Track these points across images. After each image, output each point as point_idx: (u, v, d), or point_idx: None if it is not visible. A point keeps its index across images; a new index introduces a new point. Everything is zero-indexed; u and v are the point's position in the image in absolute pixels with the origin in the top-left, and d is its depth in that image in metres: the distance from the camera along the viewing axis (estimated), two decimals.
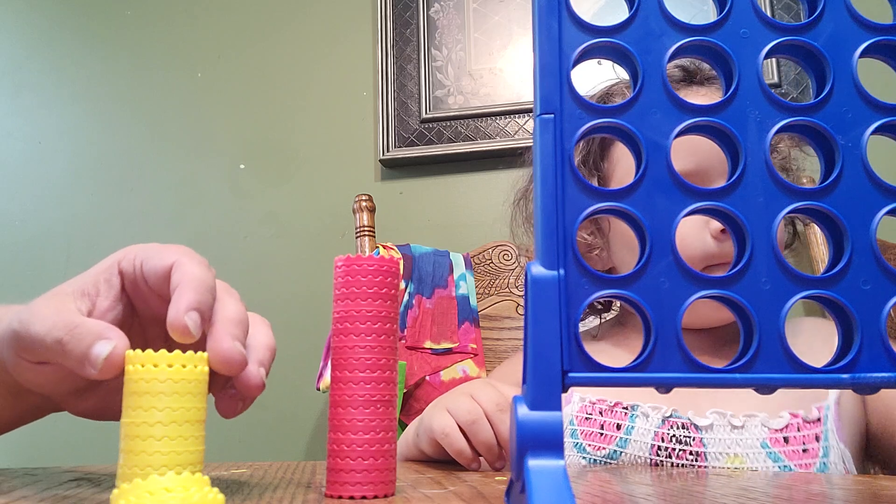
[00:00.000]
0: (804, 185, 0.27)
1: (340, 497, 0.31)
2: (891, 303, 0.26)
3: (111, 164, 1.39)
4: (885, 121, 0.28)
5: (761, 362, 0.26)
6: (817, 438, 0.58)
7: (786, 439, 0.58)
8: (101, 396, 0.37)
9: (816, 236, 1.00)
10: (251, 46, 1.36)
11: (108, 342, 0.30)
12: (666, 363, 0.26)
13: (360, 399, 0.32)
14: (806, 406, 0.59)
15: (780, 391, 0.26)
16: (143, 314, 0.37)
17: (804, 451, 0.57)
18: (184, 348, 0.29)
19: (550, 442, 0.25)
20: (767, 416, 0.59)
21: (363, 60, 1.30)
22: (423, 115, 1.23)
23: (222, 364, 0.31)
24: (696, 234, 0.62)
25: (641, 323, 0.27)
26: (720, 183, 0.24)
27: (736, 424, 0.59)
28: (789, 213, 0.27)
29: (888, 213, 0.27)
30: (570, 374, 0.26)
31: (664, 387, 0.26)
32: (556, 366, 0.25)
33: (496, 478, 0.43)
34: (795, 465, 0.57)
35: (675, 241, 0.27)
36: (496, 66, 1.23)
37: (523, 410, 0.25)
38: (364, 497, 0.31)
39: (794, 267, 0.27)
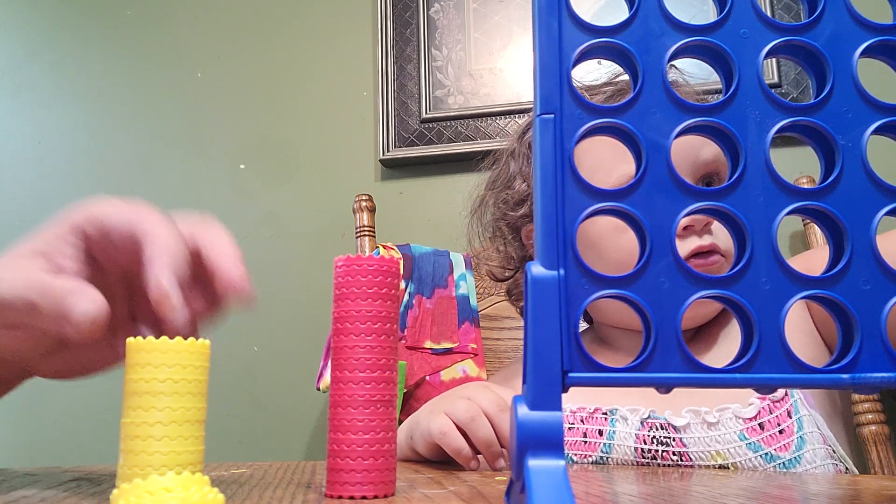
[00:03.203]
0: (804, 185, 0.27)
1: (340, 497, 0.31)
2: (891, 303, 0.26)
3: (111, 164, 1.39)
4: (885, 121, 0.28)
5: (761, 362, 0.26)
6: (790, 414, 0.59)
7: (761, 426, 0.59)
8: (70, 355, 0.36)
9: (816, 236, 1.00)
10: (251, 46, 1.36)
11: (92, 301, 0.30)
12: (666, 363, 0.26)
13: (360, 399, 0.32)
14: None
15: None
16: (108, 268, 0.36)
17: (780, 432, 0.58)
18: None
19: (550, 442, 0.25)
20: (740, 406, 0.60)
21: (363, 60, 1.30)
22: (423, 115, 1.23)
23: (229, 287, 0.32)
24: None
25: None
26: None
27: (711, 421, 0.59)
28: (789, 213, 0.27)
29: (888, 213, 0.27)
30: (571, 374, 0.26)
31: (664, 387, 0.26)
32: (556, 366, 0.25)
33: (496, 478, 0.43)
34: (775, 450, 0.58)
35: (675, 241, 0.27)
36: (496, 66, 1.23)
37: (523, 410, 0.25)
38: (364, 497, 0.31)
39: (793, 267, 0.27)
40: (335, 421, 0.32)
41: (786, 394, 0.60)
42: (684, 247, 0.63)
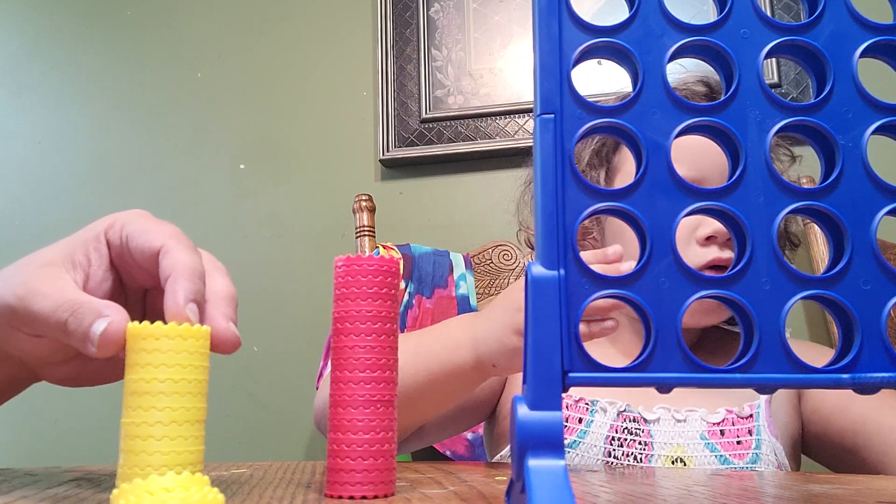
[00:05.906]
0: (804, 185, 0.27)
1: (340, 497, 0.31)
2: (891, 303, 0.26)
3: (111, 164, 1.39)
4: (885, 121, 0.28)
5: (761, 362, 0.26)
6: (750, 432, 0.64)
7: (722, 432, 0.64)
8: (79, 363, 0.37)
9: (816, 236, 1.00)
10: (251, 46, 1.36)
11: (104, 319, 0.30)
12: (666, 363, 0.26)
13: (360, 399, 0.32)
14: (739, 404, 0.66)
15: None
16: (128, 284, 0.37)
17: (738, 442, 0.64)
18: (164, 318, 0.30)
19: (551, 442, 0.25)
20: (706, 412, 0.65)
21: (363, 60, 1.30)
22: (423, 115, 1.23)
23: (219, 346, 0.32)
24: (682, 246, 0.63)
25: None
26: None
27: (679, 418, 0.65)
28: (789, 213, 0.27)
29: (888, 213, 0.27)
30: (571, 374, 0.26)
31: (664, 387, 0.26)
32: (556, 366, 0.25)
33: (496, 478, 0.43)
34: (730, 456, 0.63)
35: (675, 241, 0.27)
36: (496, 66, 1.23)
37: (523, 410, 0.25)
38: (364, 497, 0.31)
39: (794, 267, 0.27)
40: (335, 421, 0.32)
41: (751, 415, 0.65)
42: (703, 254, 0.64)
